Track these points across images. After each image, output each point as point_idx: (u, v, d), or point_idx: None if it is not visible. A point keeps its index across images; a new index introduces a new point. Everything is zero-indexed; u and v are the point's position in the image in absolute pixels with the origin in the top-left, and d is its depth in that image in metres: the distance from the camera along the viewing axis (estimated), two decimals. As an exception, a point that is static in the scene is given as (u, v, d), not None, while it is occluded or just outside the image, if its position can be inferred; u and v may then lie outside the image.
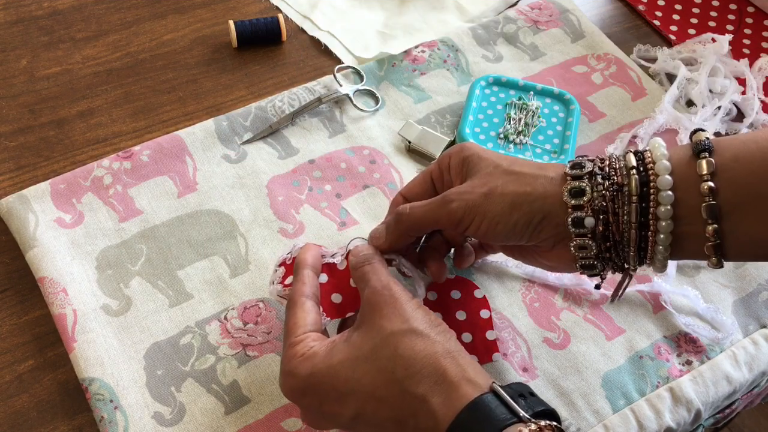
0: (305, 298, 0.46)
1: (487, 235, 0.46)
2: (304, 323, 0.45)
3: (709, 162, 0.40)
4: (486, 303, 0.55)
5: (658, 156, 0.42)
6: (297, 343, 0.44)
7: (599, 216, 0.42)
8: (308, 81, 0.71)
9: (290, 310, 0.46)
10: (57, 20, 0.75)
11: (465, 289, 0.56)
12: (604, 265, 0.45)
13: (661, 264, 0.43)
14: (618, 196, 0.42)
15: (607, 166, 0.43)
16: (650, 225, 0.42)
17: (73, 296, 0.54)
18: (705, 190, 0.40)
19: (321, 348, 0.43)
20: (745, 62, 0.74)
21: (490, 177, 0.46)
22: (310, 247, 0.50)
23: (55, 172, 0.63)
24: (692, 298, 0.58)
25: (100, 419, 0.50)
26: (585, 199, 0.43)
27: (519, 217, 0.44)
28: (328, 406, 0.43)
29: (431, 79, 0.71)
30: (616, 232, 0.43)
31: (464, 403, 0.39)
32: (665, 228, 0.41)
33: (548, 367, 0.54)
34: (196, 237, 0.59)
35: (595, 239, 0.43)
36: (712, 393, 0.54)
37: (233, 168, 0.63)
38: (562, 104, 0.68)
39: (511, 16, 0.78)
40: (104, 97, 0.69)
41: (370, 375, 0.41)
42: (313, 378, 0.43)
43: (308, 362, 0.43)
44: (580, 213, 0.43)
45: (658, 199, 0.41)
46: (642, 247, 0.43)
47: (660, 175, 0.41)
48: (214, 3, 0.78)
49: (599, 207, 0.42)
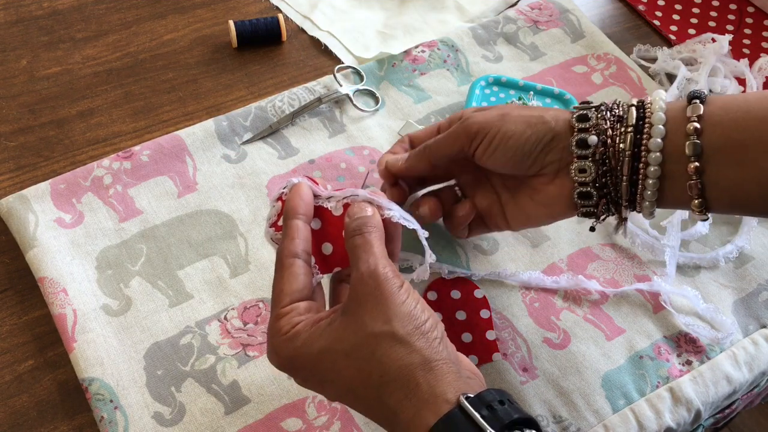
0: (293, 258, 0.43)
1: (496, 152, 0.48)
2: (290, 290, 0.43)
3: (697, 106, 0.45)
4: (486, 303, 0.55)
5: (656, 100, 0.47)
6: (282, 315, 0.42)
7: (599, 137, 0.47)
8: (308, 81, 0.71)
9: (277, 273, 0.44)
10: (57, 20, 0.75)
11: (465, 289, 0.56)
12: (599, 197, 0.48)
13: (648, 208, 0.47)
14: (617, 125, 0.47)
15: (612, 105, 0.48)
16: (642, 157, 0.46)
17: (73, 296, 0.54)
18: (690, 130, 0.44)
19: (304, 328, 0.42)
20: (745, 62, 0.74)
21: (504, 108, 0.50)
22: (302, 189, 0.46)
23: (55, 172, 0.63)
24: (692, 298, 0.58)
25: (100, 419, 0.50)
26: (590, 123, 0.47)
27: (531, 134, 0.48)
28: (311, 384, 0.43)
29: (431, 79, 0.71)
30: (612, 158, 0.47)
31: (432, 421, 0.38)
32: (654, 160, 0.45)
33: (548, 367, 0.54)
34: (196, 237, 0.59)
35: (595, 162, 0.47)
36: (712, 393, 0.54)
37: (233, 168, 0.63)
38: (562, 104, 0.68)
39: (511, 16, 0.78)
40: (104, 97, 0.69)
41: (350, 371, 0.41)
42: (295, 361, 0.42)
43: (290, 344, 0.42)
44: (584, 134, 0.47)
45: (650, 132, 0.45)
46: (633, 180, 0.46)
47: (654, 113, 0.46)
48: (214, 3, 0.78)
49: (601, 130, 0.47)
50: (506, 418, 0.38)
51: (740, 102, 0.45)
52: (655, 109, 0.46)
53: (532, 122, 0.48)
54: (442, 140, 0.51)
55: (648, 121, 0.46)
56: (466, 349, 0.53)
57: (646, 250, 0.60)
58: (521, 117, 0.49)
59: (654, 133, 0.45)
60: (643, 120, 0.46)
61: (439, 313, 0.54)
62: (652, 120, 0.46)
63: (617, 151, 0.46)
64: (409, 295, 0.42)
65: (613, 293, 0.58)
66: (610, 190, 0.47)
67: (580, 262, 0.60)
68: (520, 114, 0.49)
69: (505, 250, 0.60)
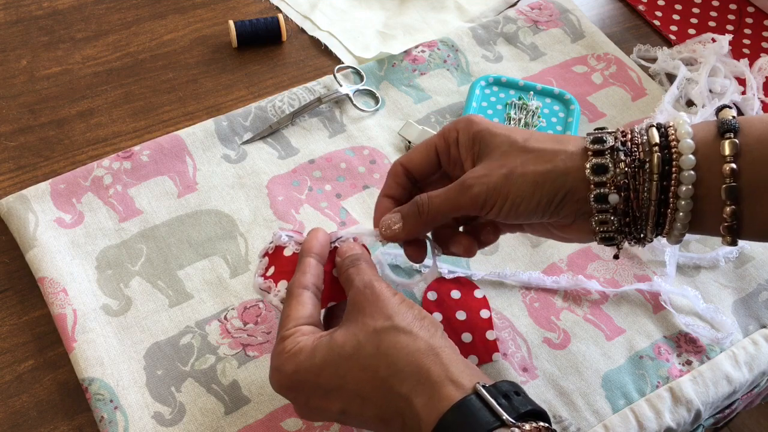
0: (302, 289, 0.45)
1: (509, 216, 0.45)
2: (296, 316, 0.44)
3: (733, 143, 0.40)
4: (486, 303, 0.55)
5: (682, 134, 0.41)
6: (286, 337, 0.43)
7: (621, 192, 0.42)
8: (308, 81, 0.71)
9: (287, 301, 0.46)
10: (57, 20, 0.75)
11: (465, 289, 0.56)
12: (622, 238, 0.44)
13: (676, 239, 0.43)
14: (639, 172, 0.42)
15: (629, 141, 0.43)
16: (670, 202, 0.41)
17: (73, 296, 0.54)
18: (727, 171, 0.39)
19: (306, 345, 0.43)
20: (745, 62, 0.74)
21: (507, 157, 0.44)
22: (318, 233, 0.48)
23: (55, 172, 0.63)
24: (692, 298, 0.58)
25: (100, 419, 0.50)
26: (608, 176, 0.42)
27: (542, 196, 0.43)
28: (315, 401, 0.43)
29: (431, 79, 0.71)
30: (637, 209, 0.42)
31: (447, 405, 0.38)
32: (685, 207, 0.41)
33: (548, 367, 0.54)
34: (196, 237, 0.59)
35: (617, 214, 0.43)
36: (712, 393, 0.54)
37: (233, 168, 0.63)
38: (562, 104, 0.68)
39: (511, 16, 0.78)
40: (104, 97, 0.69)
41: (353, 373, 0.41)
42: (297, 375, 0.42)
43: (293, 359, 0.42)
44: (603, 189, 0.42)
45: (680, 178, 0.41)
46: (660, 222, 0.43)
47: (684, 155, 0.41)
48: (214, 3, 0.78)
49: (621, 184, 0.42)
50: (522, 408, 0.39)
51: None
52: (683, 148, 0.41)
53: (540, 182, 0.43)
54: (442, 206, 0.46)
55: (675, 165, 0.41)
56: (466, 349, 0.53)
57: (646, 250, 0.60)
58: (528, 175, 0.43)
59: (684, 179, 0.41)
60: (670, 164, 0.41)
61: (439, 313, 0.54)
62: (680, 164, 0.41)
63: (641, 200, 0.42)
64: (403, 300, 0.44)
65: (613, 293, 0.58)
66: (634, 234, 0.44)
67: (580, 262, 0.60)
68: (526, 171, 0.43)
69: (505, 250, 0.60)
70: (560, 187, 0.43)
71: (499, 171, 0.44)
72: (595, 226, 0.43)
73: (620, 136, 0.43)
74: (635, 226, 0.43)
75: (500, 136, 0.46)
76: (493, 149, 0.45)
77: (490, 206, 0.44)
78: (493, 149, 0.45)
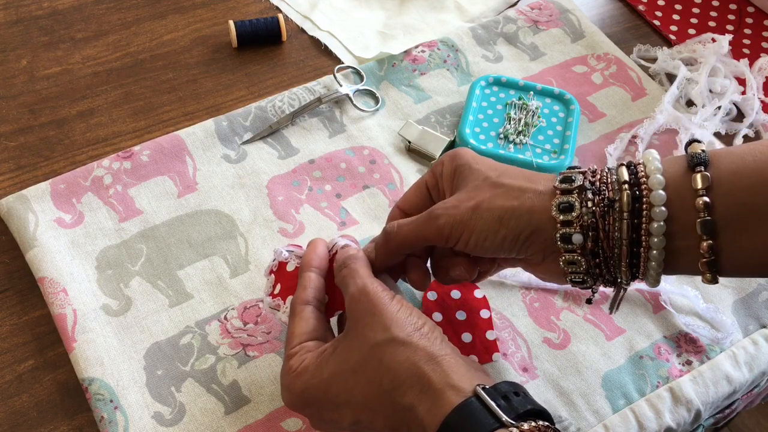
0: (304, 305, 0.46)
1: (475, 250, 0.45)
2: (300, 333, 0.45)
3: (705, 176, 0.39)
4: (486, 303, 0.55)
5: (652, 170, 0.41)
6: (291, 356, 0.44)
7: (588, 232, 0.41)
8: (308, 81, 0.71)
9: (290, 319, 0.46)
10: (57, 20, 0.75)
11: (465, 289, 0.56)
12: (594, 280, 0.44)
13: (653, 279, 0.42)
14: (609, 211, 0.41)
15: (598, 180, 0.42)
16: (642, 241, 0.40)
17: (73, 296, 0.54)
18: (700, 205, 0.39)
19: (312, 361, 0.43)
20: (745, 62, 0.74)
21: (477, 190, 0.45)
22: (317, 245, 0.49)
23: (55, 172, 0.63)
24: (692, 298, 0.58)
25: (100, 419, 0.50)
26: (574, 215, 0.41)
27: (506, 233, 0.43)
28: (327, 414, 0.43)
29: (431, 79, 0.71)
30: (607, 248, 0.41)
31: (448, 410, 0.39)
32: (658, 244, 0.40)
33: (548, 367, 0.54)
34: (196, 237, 0.59)
35: (585, 255, 0.42)
36: (712, 393, 0.54)
37: (233, 168, 0.63)
38: (562, 104, 0.68)
39: (511, 16, 0.78)
40: (104, 97, 0.69)
41: (360, 387, 0.42)
42: (307, 393, 0.43)
43: (300, 378, 0.43)
44: (568, 229, 0.42)
45: (650, 215, 0.40)
46: (634, 263, 0.42)
47: (653, 190, 0.40)
48: (214, 3, 0.78)
49: (589, 223, 0.41)
50: (521, 408, 0.39)
51: (748, 160, 0.39)
52: (653, 184, 0.40)
53: (505, 217, 0.43)
54: (409, 235, 0.46)
55: (646, 201, 0.40)
56: (466, 349, 0.53)
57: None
58: (494, 210, 0.43)
59: (655, 216, 0.40)
60: (640, 201, 0.40)
61: (439, 313, 0.54)
62: (651, 200, 0.40)
63: (612, 239, 0.41)
64: (402, 305, 0.43)
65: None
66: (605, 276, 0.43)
67: (580, 262, 0.60)
68: (492, 206, 0.43)
69: (505, 250, 0.60)
70: (526, 225, 0.43)
71: (467, 204, 0.44)
72: (564, 267, 0.43)
73: (590, 176, 0.43)
74: (607, 267, 0.42)
75: (477, 171, 0.46)
76: (467, 182, 0.46)
77: (455, 239, 0.44)
78: (468, 182, 0.46)
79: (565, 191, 0.42)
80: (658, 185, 0.40)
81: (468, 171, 0.46)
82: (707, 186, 0.39)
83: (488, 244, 0.44)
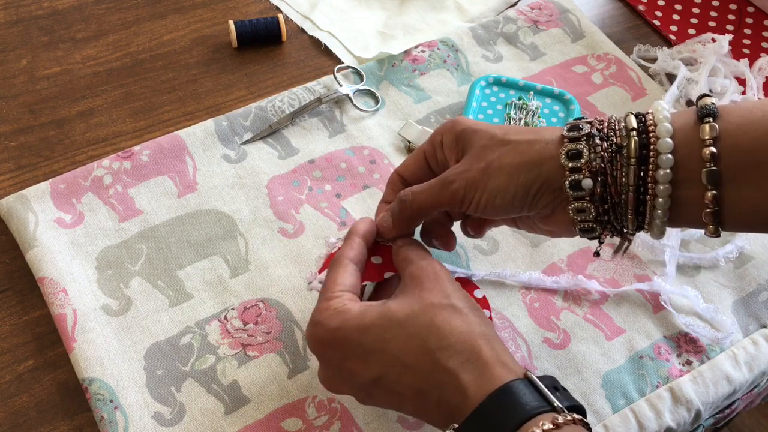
0: (349, 260, 0.46)
1: (486, 210, 0.45)
2: (343, 282, 0.45)
3: (713, 126, 0.39)
4: (486, 303, 0.55)
5: (660, 119, 0.41)
6: (332, 298, 0.44)
7: (597, 178, 0.42)
8: (308, 81, 0.71)
9: (332, 269, 0.46)
10: (57, 20, 0.75)
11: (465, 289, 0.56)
12: (602, 228, 0.44)
13: (658, 229, 0.43)
14: (617, 157, 0.41)
15: (606, 128, 0.43)
16: (649, 188, 0.41)
17: (73, 296, 0.54)
18: (707, 155, 0.39)
19: (355, 306, 0.43)
20: (745, 62, 0.74)
21: (485, 150, 0.45)
22: (367, 220, 0.50)
23: (55, 172, 0.63)
24: (692, 298, 0.58)
25: (100, 419, 0.50)
26: (582, 161, 0.42)
27: (517, 189, 0.43)
28: (350, 362, 0.42)
29: (431, 79, 0.71)
30: (615, 194, 0.42)
31: (497, 384, 0.39)
32: (663, 192, 0.40)
33: (548, 367, 0.54)
34: (196, 237, 0.59)
35: (593, 201, 0.42)
36: (712, 393, 0.54)
37: (233, 168, 0.63)
38: (562, 104, 0.68)
39: (511, 16, 0.78)
40: (104, 97, 0.69)
41: (400, 339, 0.41)
42: (340, 331, 0.42)
43: (339, 316, 0.43)
44: (577, 175, 0.42)
45: (657, 162, 0.40)
46: (640, 211, 0.42)
47: (660, 138, 0.40)
48: (214, 3, 0.78)
49: (597, 169, 0.41)
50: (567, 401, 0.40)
51: (757, 115, 0.39)
52: (661, 132, 0.40)
53: (515, 173, 0.43)
54: (425, 202, 0.47)
55: (653, 149, 0.40)
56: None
57: (646, 250, 0.60)
58: (504, 168, 0.44)
59: (661, 163, 0.40)
60: (648, 147, 0.41)
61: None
62: (658, 147, 0.40)
63: (619, 185, 0.42)
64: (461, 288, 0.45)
65: (613, 293, 0.58)
66: (614, 223, 0.44)
67: (580, 262, 0.60)
68: (502, 164, 0.44)
69: (505, 250, 0.60)
70: (536, 178, 0.43)
71: (477, 165, 0.45)
72: (573, 215, 0.43)
73: (597, 123, 0.43)
74: (614, 215, 0.43)
75: (480, 132, 0.46)
76: (473, 145, 0.46)
77: (469, 201, 0.45)
78: (474, 145, 0.46)
79: (573, 139, 0.43)
80: (665, 133, 0.40)
81: (471, 134, 0.47)
82: (715, 136, 0.39)
83: (499, 202, 0.44)
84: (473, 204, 0.45)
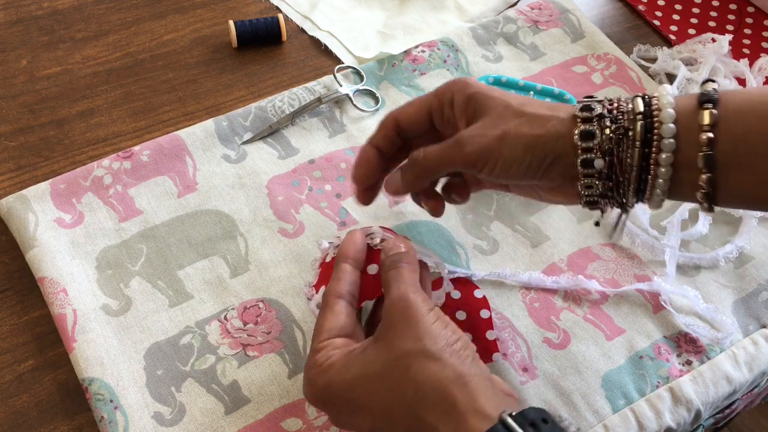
0: (337, 298, 0.46)
1: (500, 177, 0.46)
2: (329, 327, 0.45)
3: (712, 113, 0.41)
4: (486, 303, 0.55)
5: (664, 104, 0.43)
6: (319, 350, 0.44)
7: (606, 158, 0.44)
8: (308, 81, 0.71)
9: (321, 310, 0.46)
10: (57, 20, 0.75)
11: (465, 289, 0.56)
12: (606, 202, 0.46)
13: (656, 203, 0.45)
14: (623, 139, 0.43)
15: (615, 109, 0.44)
16: (651, 169, 0.43)
17: (73, 296, 0.54)
18: (704, 140, 0.41)
19: (339, 359, 0.43)
20: (745, 62, 0.74)
21: (501, 119, 0.46)
22: (355, 236, 0.50)
23: (55, 172, 0.63)
24: (692, 298, 0.58)
25: (100, 419, 0.50)
26: (595, 142, 0.44)
27: (532, 160, 0.45)
28: (345, 416, 0.43)
29: (431, 79, 0.71)
30: (620, 173, 0.44)
31: None
32: (664, 174, 0.43)
33: (548, 367, 0.54)
34: (196, 237, 0.59)
35: (601, 178, 0.44)
36: (712, 393, 0.54)
37: (233, 168, 0.63)
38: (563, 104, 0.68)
39: (511, 16, 0.78)
40: (104, 97, 0.69)
41: (382, 393, 0.41)
42: (328, 390, 0.43)
43: (325, 374, 0.43)
44: (590, 155, 0.44)
45: (660, 146, 0.42)
46: (641, 189, 0.44)
47: (664, 123, 0.42)
48: (214, 3, 0.78)
49: (607, 149, 0.44)
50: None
51: (755, 104, 0.41)
52: (664, 118, 0.42)
53: (531, 145, 0.45)
54: (437, 161, 0.48)
55: (657, 133, 0.42)
56: (466, 349, 0.53)
57: (646, 250, 0.60)
58: (521, 138, 0.45)
59: (664, 147, 0.42)
60: (651, 132, 0.43)
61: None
62: (661, 132, 0.42)
63: (624, 165, 0.44)
64: (438, 318, 0.44)
65: (613, 293, 0.58)
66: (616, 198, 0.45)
67: (580, 262, 0.60)
68: (519, 134, 0.45)
69: (505, 250, 0.60)
70: (550, 151, 0.45)
71: (493, 132, 0.45)
72: (581, 190, 0.45)
73: (608, 104, 0.45)
74: (618, 190, 0.45)
75: (496, 99, 0.47)
76: (488, 111, 0.47)
77: (482, 165, 0.46)
78: (489, 111, 0.47)
79: (586, 119, 0.44)
80: (669, 119, 0.42)
81: (486, 99, 0.47)
82: (713, 122, 0.41)
83: (513, 171, 0.45)
84: (487, 169, 0.46)
